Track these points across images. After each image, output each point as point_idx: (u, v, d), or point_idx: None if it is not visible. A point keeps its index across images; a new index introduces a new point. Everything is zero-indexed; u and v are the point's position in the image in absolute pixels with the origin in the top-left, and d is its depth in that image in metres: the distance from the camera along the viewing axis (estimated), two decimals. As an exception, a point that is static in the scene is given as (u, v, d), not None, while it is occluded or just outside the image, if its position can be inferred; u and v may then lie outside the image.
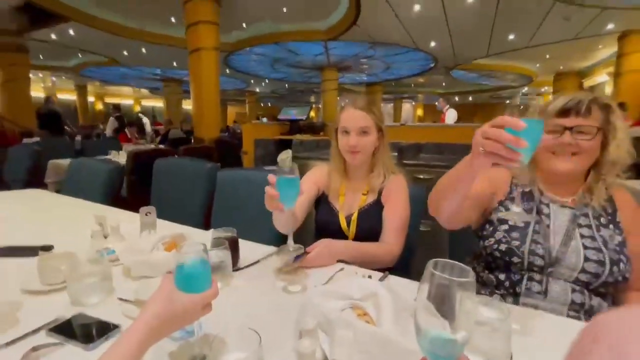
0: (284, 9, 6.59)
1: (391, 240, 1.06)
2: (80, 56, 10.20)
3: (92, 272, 0.74)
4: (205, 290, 0.50)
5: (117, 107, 8.11)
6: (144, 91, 17.47)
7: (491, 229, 0.87)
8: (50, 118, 5.72)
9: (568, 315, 0.75)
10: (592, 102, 0.77)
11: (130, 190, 2.93)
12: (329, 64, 10.98)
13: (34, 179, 2.93)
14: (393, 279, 0.85)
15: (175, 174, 2.02)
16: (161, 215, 1.31)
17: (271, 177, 0.77)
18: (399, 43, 8.31)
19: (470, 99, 19.14)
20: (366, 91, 15.29)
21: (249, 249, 1.03)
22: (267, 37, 8.07)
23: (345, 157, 1.11)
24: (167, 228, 1.21)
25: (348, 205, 1.13)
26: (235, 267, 0.89)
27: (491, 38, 7.78)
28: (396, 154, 2.20)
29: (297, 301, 0.76)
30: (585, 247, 0.77)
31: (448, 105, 5.88)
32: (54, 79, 14.02)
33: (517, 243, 0.81)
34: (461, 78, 13.23)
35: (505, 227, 0.84)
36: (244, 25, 7.61)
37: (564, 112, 0.78)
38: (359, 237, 1.10)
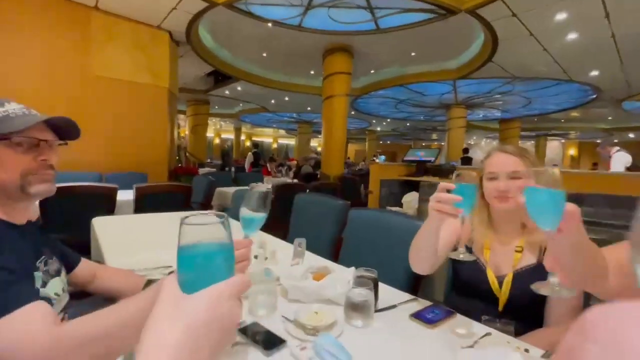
0: (413, 54, 6.80)
1: (563, 322, 0.91)
2: (241, 105, 12.90)
3: (263, 289, 0.92)
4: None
5: (255, 144, 9.86)
6: (281, 131, 20.48)
7: None
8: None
9: None
10: None
11: (273, 216, 3.43)
12: (457, 102, 10.49)
13: (206, 203, 3.78)
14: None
15: (310, 208, 2.27)
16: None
17: (446, 185, 0.79)
18: (546, 76, 7.30)
19: (655, 135, 14.73)
20: (500, 128, 13.75)
21: (384, 291, 1.06)
22: (394, 80, 8.41)
23: (492, 203, 1.04)
24: (310, 258, 1.37)
25: (496, 262, 1.03)
26: (375, 308, 0.94)
27: (690, 60, 5.97)
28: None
29: (439, 353, 0.74)
30: None
31: (617, 148, 4.64)
32: (222, 123, 18.05)
33: None
34: (638, 111, 10.43)
35: None
36: (372, 71, 8.18)
37: None
38: (513, 303, 0.97)
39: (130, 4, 4.37)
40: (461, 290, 1.08)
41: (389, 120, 14.97)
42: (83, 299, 0.99)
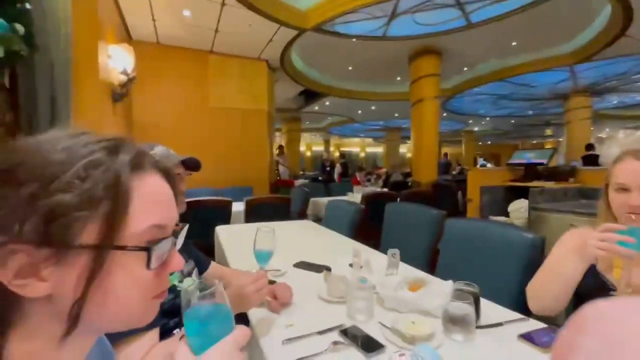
0: (513, 43, 6.05)
1: None
2: (329, 119, 13.50)
3: (360, 295, 0.98)
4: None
5: (342, 155, 10.17)
6: (368, 140, 20.53)
7: None
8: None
9: None
10: None
11: (363, 224, 3.50)
12: (577, 90, 8.81)
13: (302, 212, 4.09)
14: None
15: (403, 217, 2.25)
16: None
17: (613, 226, 0.80)
18: None
19: None
20: (644, 116, 10.93)
21: (488, 307, 1.01)
22: (491, 75, 7.60)
23: (624, 221, 0.89)
24: (405, 268, 1.38)
25: (631, 283, 0.87)
26: (477, 324, 0.90)
27: None
28: None
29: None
30: None
31: None
32: (312, 136, 19.16)
33: None
34: None
35: None
36: (465, 69, 7.58)
37: None
38: None
39: (236, 43, 5.13)
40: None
41: (488, 118, 13.50)
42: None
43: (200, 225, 2.67)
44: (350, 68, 7.37)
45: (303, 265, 1.43)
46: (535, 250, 1.30)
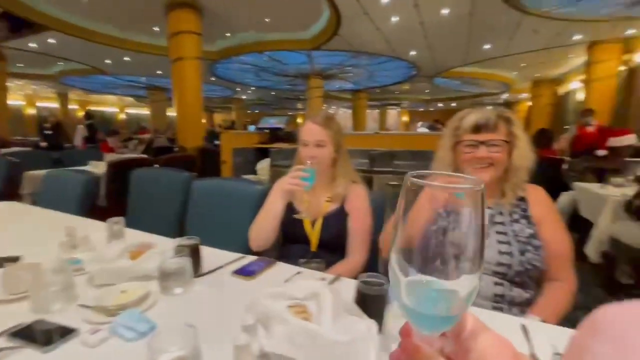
0: (267, 20, 6.70)
1: (357, 251, 1.15)
2: (61, 64, 10.05)
3: (55, 281, 0.78)
4: None
5: (88, 115, 7.86)
6: (129, 99, 17.26)
7: None
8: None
9: (492, 308, 0.83)
10: (498, 118, 0.88)
11: (110, 198, 2.94)
12: (314, 72, 11.13)
13: (10, 191, 2.90)
14: (344, 281, 0.92)
15: (151, 184, 2.05)
16: (138, 224, 1.35)
17: (299, 167, 1.10)
18: (380, 52, 8.53)
19: (455, 104, 19.62)
20: (351, 98, 15.51)
21: (215, 255, 1.08)
22: (252, 46, 8.15)
23: (306, 165, 1.19)
24: (137, 237, 1.25)
25: (312, 211, 1.20)
26: (197, 273, 0.94)
27: (468, 47, 8.08)
28: (368, 161, 2.27)
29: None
30: (499, 242, 0.87)
31: (420, 124, 6.08)
32: (34, 87, 13.72)
33: None
34: (444, 85, 13.59)
35: None
36: (228, 34, 7.68)
37: (476, 129, 0.88)
38: (323, 242, 1.16)
39: None
40: (286, 239, 1.22)
41: (253, 88, 14.66)
42: None
43: None
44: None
45: (-28, 263, 0.99)
46: (263, 199, 1.54)
